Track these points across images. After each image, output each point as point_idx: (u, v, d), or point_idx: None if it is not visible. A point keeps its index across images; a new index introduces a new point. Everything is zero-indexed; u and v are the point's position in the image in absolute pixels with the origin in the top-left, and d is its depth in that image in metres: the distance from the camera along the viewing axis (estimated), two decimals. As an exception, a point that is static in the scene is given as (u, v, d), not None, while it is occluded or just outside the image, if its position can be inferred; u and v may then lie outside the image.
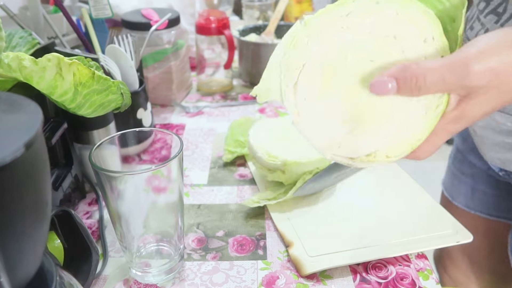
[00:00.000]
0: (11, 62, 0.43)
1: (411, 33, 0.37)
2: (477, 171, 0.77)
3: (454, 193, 0.83)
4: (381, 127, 0.38)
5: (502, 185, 0.74)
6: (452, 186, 0.84)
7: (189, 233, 0.55)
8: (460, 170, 0.81)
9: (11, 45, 0.59)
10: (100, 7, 0.74)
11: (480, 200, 0.79)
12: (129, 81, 0.66)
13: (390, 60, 0.37)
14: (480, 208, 0.79)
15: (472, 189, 0.79)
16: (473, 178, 0.78)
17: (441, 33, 0.37)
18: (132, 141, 0.48)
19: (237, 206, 0.59)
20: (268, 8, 1.21)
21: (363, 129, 0.38)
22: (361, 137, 0.39)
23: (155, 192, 0.43)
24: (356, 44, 0.37)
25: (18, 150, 0.23)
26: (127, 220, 0.44)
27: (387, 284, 0.47)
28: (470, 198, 0.80)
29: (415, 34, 0.37)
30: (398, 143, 0.38)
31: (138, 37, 0.77)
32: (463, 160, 0.80)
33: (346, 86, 0.38)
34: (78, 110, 0.50)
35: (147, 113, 0.69)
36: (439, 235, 0.52)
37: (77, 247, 0.45)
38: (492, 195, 0.77)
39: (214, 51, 0.94)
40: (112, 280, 0.48)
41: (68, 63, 0.44)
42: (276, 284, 0.47)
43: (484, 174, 0.76)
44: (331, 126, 0.38)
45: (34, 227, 0.27)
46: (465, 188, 0.80)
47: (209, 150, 0.73)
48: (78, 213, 0.58)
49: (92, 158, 0.41)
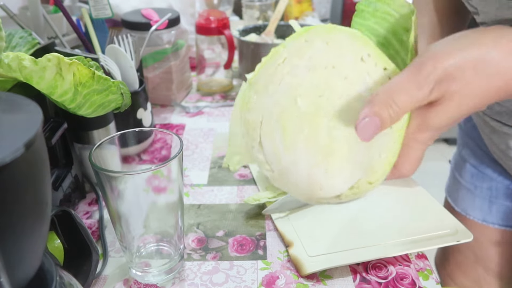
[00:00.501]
0: (11, 62, 0.43)
1: (346, 57, 0.37)
2: (495, 185, 0.74)
3: (469, 208, 0.79)
4: (352, 155, 0.37)
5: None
6: (464, 200, 0.80)
7: (189, 233, 0.55)
8: (473, 184, 0.77)
9: (11, 45, 0.59)
10: (100, 7, 0.74)
11: (498, 211, 0.75)
12: (129, 81, 0.66)
13: (337, 90, 0.37)
14: (499, 221, 0.76)
15: (490, 202, 0.75)
16: (491, 191, 0.75)
17: (375, 48, 0.37)
18: (132, 141, 0.48)
19: (237, 206, 0.59)
20: (268, 8, 1.21)
21: (336, 163, 0.37)
22: (338, 172, 0.38)
23: (155, 192, 0.43)
24: (300, 86, 0.37)
25: (18, 150, 0.23)
26: (127, 220, 0.44)
27: (387, 284, 0.47)
28: (488, 212, 0.76)
29: (350, 57, 0.37)
30: (375, 166, 0.38)
31: (138, 37, 0.77)
32: (478, 174, 0.76)
33: (305, 129, 0.37)
34: (78, 110, 0.50)
35: (147, 113, 0.69)
36: (439, 235, 0.52)
37: (77, 247, 0.45)
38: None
39: (214, 51, 0.94)
40: (112, 280, 0.48)
41: (68, 63, 0.44)
42: (276, 284, 0.47)
43: (502, 187, 0.73)
44: (305, 172, 0.38)
45: (34, 227, 0.27)
46: (480, 202, 0.77)
47: (209, 150, 0.73)
48: (78, 213, 0.58)
49: (92, 158, 0.41)
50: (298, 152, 0.38)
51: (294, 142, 0.38)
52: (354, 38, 0.37)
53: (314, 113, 0.37)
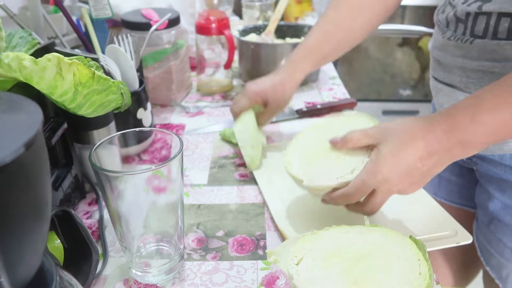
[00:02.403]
0: (11, 62, 0.43)
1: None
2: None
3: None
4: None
5: (465, 172, 0.76)
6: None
7: (189, 233, 0.55)
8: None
9: (11, 45, 0.59)
10: (100, 7, 0.74)
11: (445, 187, 0.81)
12: (129, 81, 0.66)
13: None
14: (445, 196, 0.82)
15: (439, 176, 0.81)
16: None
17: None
18: (132, 141, 0.48)
19: (237, 206, 0.59)
20: (268, 8, 1.21)
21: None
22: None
23: (155, 192, 0.43)
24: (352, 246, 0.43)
25: (18, 150, 0.23)
26: (127, 220, 0.44)
27: (387, 284, 0.47)
28: (437, 186, 0.83)
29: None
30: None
31: (138, 37, 0.77)
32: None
33: (344, 264, 0.41)
34: (78, 110, 0.50)
35: (147, 113, 0.69)
36: (438, 236, 0.52)
37: (77, 247, 0.45)
38: (456, 183, 0.79)
39: (214, 51, 0.94)
40: (112, 280, 0.48)
41: (68, 63, 0.44)
42: (276, 284, 0.47)
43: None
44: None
45: (34, 227, 0.27)
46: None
47: (209, 150, 0.73)
48: (78, 213, 0.58)
49: (92, 158, 0.41)
50: (331, 273, 0.41)
51: (331, 267, 0.41)
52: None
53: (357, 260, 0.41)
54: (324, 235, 0.44)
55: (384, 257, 0.41)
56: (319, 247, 0.43)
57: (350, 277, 0.39)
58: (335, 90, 0.97)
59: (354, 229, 0.45)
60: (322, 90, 0.97)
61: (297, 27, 1.06)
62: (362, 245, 0.43)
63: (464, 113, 0.47)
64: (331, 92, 0.96)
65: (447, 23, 0.63)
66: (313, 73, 0.99)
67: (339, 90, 0.97)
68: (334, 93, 0.95)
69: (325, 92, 0.96)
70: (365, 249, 0.42)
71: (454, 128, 0.46)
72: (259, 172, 0.66)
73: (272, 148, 0.73)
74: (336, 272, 0.40)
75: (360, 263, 0.41)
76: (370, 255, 0.41)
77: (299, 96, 0.93)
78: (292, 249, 0.43)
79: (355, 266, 0.40)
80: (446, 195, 0.82)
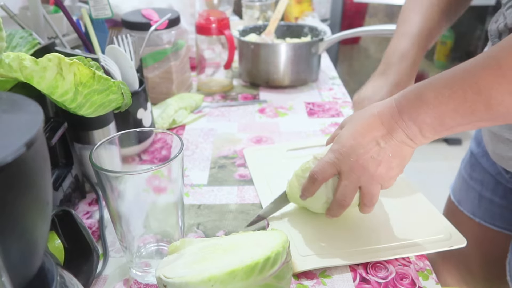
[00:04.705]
0: (12, 62, 0.43)
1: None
2: (487, 177, 0.75)
3: (462, 199, 0.81)
4: None
5: (509, 193, 0.72)
6: (460, 191, 0.82)
7: (189, 233, 0.55)
8: (470, 175, 0.79)
9: (11, 45, 0.59)
10: (100, 7, 0.74)
11: (486, 208, 0.76)
12: (129, 81, 0.66)
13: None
14: (485, 217, 0.77)
15: (480, 196, 0.77)
16: (482, 184, 0.76)
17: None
18: (132, 141, 0.48)
19: (237, 206, 0.60)
20: (268, 8, 1.21)
21: None
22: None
23: (155, 192, 0.44)
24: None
25: (19, 149, 0.23)
26: (127, 220, 0.44)
27: (387, 284, 0.47)
28: (477, 206, 0.78)
29: None
30: None
31: (138, 37, 0.77)
32: (475, 164, 0.78)
33: (201, 253, 0.42)
34: (79, 110, 0.50)
35: (147, 113, 0.69)
36: (432, 240, 0.52)
37: (78, 247, 0.45)
38: (499, 205, 0.75)
39: (214, 51, 0.94)
40: (112, 280, 0.48)
41: (68, 63, 0.44)
42: (276, 284, 0.47)
43: (493, 181, 0.74)
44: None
45: (34, 227, 0.27)
46: (473, 195, 0.78)
47: (209, 150, 0.73)
48: (78, 213, 0.58)
49: (92, 158, 0.41)
50: None
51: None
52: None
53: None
54: (206, 240, 0.45)
55: (239, 245, 0.42)
56: (191, 250, 0.43)
57: (197, 257, 0.41)
58: (335, 90, 0.97)
59: (244, 234, 0.45)
60: (322, 90, 0.97)
61: (297, 27, 1.07)
62: (230, 241, 0.43)
63: (414, 89, 0.46)
64: (331, 92, 0.96)
65: (499, 34, 0.58)
66: (313, 73, 0.99)
67: (339, 90, 0.97)
68: (334, 93, 0.95)
69: (325, 92, 0.96)
70: (228, 244, 0.43)
71: (404, 105, 0.46)
72: (257, 175, 0.66)
73: (273, 148, 0.73)
74: (191, 258, 0.41)
75: (216, 251, 0.42)
76: (229, 246, 0.42)
77: (299, 96, 0.94)
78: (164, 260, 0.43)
79: (211, 253, 0.42)
80: (486, 216, 0.77)
